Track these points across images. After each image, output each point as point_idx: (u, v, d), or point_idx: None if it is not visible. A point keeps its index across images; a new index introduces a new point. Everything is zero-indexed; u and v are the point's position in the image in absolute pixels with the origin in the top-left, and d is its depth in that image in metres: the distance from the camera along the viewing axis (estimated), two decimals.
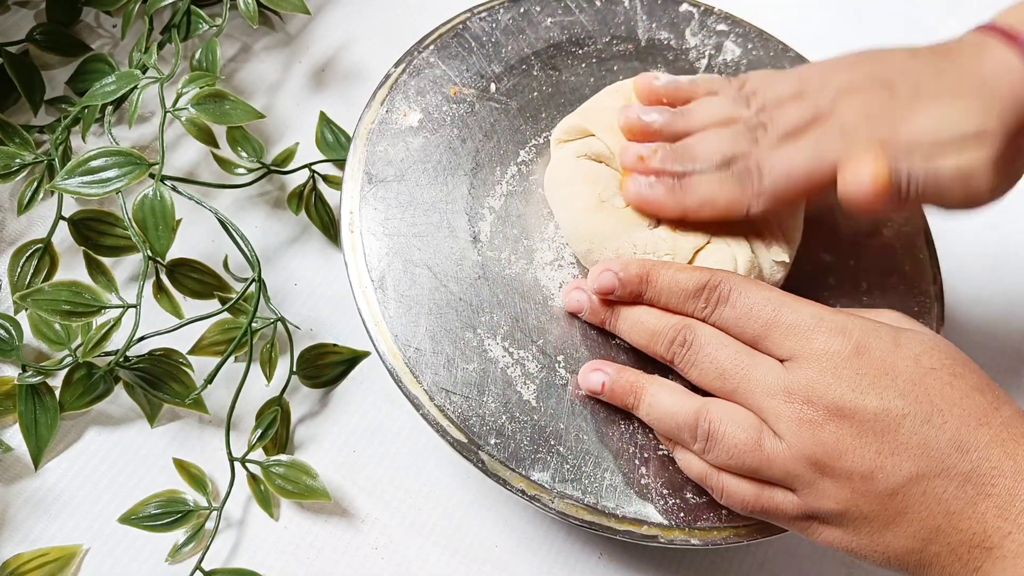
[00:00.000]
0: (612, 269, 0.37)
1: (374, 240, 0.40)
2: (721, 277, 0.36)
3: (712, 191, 0.38)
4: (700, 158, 0.39)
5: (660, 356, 0.37)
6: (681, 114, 0.40)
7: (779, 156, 0.38)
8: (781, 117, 0.38)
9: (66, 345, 0.42)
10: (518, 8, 0.47)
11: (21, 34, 0.52)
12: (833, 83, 0.38)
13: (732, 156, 0.38)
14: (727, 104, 0.40)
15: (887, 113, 0.37)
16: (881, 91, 0.37)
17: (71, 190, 0.40)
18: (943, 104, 0.36)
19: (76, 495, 0.42)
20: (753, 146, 0.38)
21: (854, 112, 0.37)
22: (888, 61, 0.39)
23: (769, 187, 0.38)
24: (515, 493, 0.36)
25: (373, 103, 0.43)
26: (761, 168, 0.38)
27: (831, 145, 0.37)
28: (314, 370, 0.45)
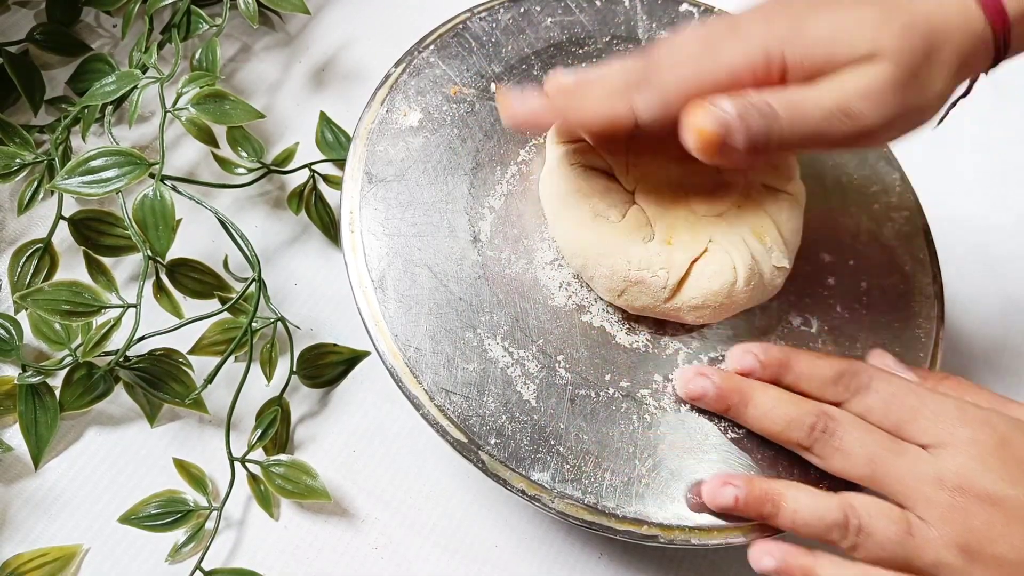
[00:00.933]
0: (753, 351, 0.37)
1: (374, 240, 0.40)
2: (860, 365, 0.37)
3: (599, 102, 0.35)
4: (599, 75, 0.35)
5: (795, 442, 0.36)
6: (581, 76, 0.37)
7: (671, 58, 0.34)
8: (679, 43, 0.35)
9: (66, 345, 0.42)
10: (518, 8, 0.47)
11: (21, 34, 0.52)
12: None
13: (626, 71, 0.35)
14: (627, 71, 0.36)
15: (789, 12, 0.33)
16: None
17: (71, 190, 0.40)
18: (847, 8, 0.33)
19: (76, 495, 0.42)
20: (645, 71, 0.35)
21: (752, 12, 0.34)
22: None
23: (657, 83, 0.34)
24: (515, 493, 0.36)
25: (373, 103, 0.43)
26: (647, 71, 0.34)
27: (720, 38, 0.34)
28: (314, 370, 0.45)
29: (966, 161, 0.58)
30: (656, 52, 0.35)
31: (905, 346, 0.42)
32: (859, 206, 0.46)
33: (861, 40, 0.32)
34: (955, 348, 0.51)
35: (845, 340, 0.42)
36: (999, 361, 0.52)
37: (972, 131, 0.58)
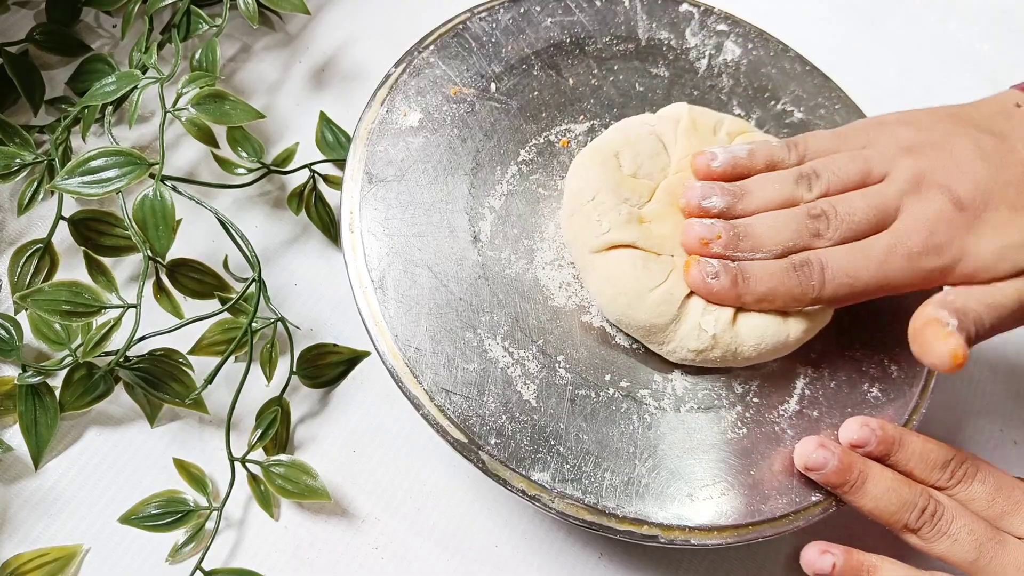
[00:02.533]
0: (870, 426, 0.38)
1: (374, 240, 0.40)
2: (968, 453, 0.39)
3: (772, 286, 0.38)
4: (761, 246, 0.39)
5: (903, 525, 0.37)
6: (739, 196, 0.40)
7: (843, 262, 0.38)
8: (845, 213, 0.38)
9: (66, 345, 0.42)
10: (518, 8, 0.47)
11: (21, 34, 0.52)
12: (898, 174, 0.39)
13: (793, 246, 0.38)
14: (787, 184, 0.40)
15: (953, 235, 0.37)
16: (951, 209, 0.38)
17: (71, 190, 0.40)
18: (1006, 229, 0.37)
19: (76, 495, 0.42)
20: (815, 239, 0.38)
21: (921, 235, 0.37)
22: (957, 160, 0.39)
23: (830, 292, 0.38)
24: (515, 493, 0.36)
25: (373, 103, 0.43)
26: (824, 269, 0.38)
27: (895, 267, 0.38)
28: (314, 370, 0.45)
29: None
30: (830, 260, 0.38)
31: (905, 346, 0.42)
32: None
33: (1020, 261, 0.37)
34: None
35: (845, 340, 0.42)
36: (999, 361, 0.52)
37: None
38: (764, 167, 0.41)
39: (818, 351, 0.42)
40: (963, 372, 0.51)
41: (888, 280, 0.38)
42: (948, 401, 0.49)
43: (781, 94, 0.49)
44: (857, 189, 0.39)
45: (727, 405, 0.40)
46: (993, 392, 0.50)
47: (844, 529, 0.44)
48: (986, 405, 0.50)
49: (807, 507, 0.38)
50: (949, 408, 0.49)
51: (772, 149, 0.41)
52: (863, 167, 0.39)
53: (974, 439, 0.49)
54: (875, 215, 0.38)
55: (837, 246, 0.38)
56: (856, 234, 0.38)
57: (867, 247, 0.38)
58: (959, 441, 0.49)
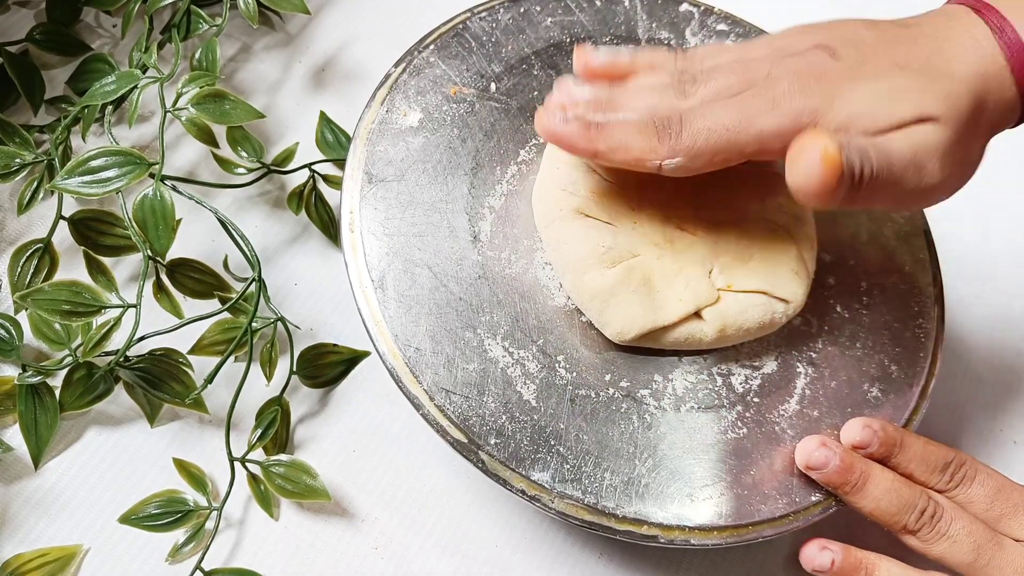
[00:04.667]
0: (872, 427, 0.38)
1: (374, 240, 0.40)
2: (967, 456, 0.39)
3: (627, 138, 0.35)
4: (623, 108, 0.36)
5: (903, 526, 0.37)
6: (616, 87, 0.38)
7: (702, 112, 0.35)
8: (713, 78, 0.36)
9: (66, 345, 0.42)
10: (518, 8, 0.47)
11: (21, 34, 0.52)
12: (775, 49, 0.36)
13: (656, 109, 0.36)
14: (664, 78, 0.37)
15: (825, 82, 0.34)
16: (823, 58, 0.35)
17: (71, 190, 0.40)
18: (887, 78, 0.34)
19: (76, 495, 0.42)
20: (680, 100, 0.36)
21: (790, 79, 0.34)
22: (841, 29, 0.36)
23: (687, 142, 0.35)
24: (515, 493, 0.36)
25: (373, 103, 0.43)
26: (682, 121, 0.35)
27: (758, 109, 0.34)
28: (314, 370, 0.45)
29: None
30: (691, 112, 0.35)
31: (905, 346, 0.42)
32: None
33: (906, 106, 0.33)
34: (955, 348, 0.51)
35: (845, 340, 0.42)
36: (999, 361, 0.52)
37: None
38: (645, 69, 0.38)
39: (818, 351, 0.42)
40: (963, 372, 0.51)
41: (750, 127, 0.34)
42: (948, 401, 0.49)
43: None
44: None
45: (727, 405, 0.40)
46: (993, 392, 0.50)
47: (844, 529, 0.44)
48: (986, 405, 0.50)
49: (807, 507, 0.38)
50: (949, 408, 0.49)
51: (656, 51, 0.39)
52: (740, 53, 0.37)
53: (974, 439, 0.49)
54: (743, 79, 0.35)
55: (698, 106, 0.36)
56: (722, 95, 0.35)
57: (730, 98, 0.35)
58: (959, 441, 0.49)
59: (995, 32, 0.35)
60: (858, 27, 0.36)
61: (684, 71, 0.37)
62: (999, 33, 0.34)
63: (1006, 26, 0.34)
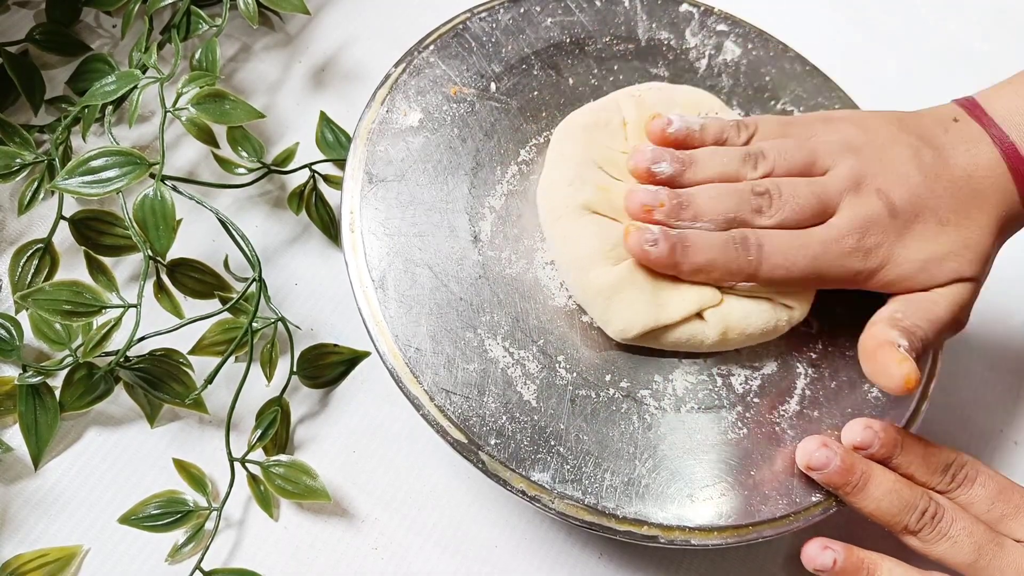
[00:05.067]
0: (873, 428, 0.39)
1: (374, 240, 0.40)
2: (968, 457, 0.39)
3: (711, 257, 0.38)
4: (702, 216, 0.39)
5: (904, 526, 0.38)
6: (688, 165, 0.40)
7: (781, 246, 0.38)
8: (787, 197, 0.39)
9: (66, 345, 0.42)
10: (518, 8, 0.47)
11: (21, 34, 0.52)
12: (840, 171, 0.39)
13: (734, 218, 0.39)
14: (735, 159, 0.40)
15: (883, 245, 0.39)
16: (883, 213, 0.38)
17: (71, 190, 0.40)
18: (932, 240, 0.39)
19: (76, 495, 0.42)
20: (756, 216, 0.39)
21: (856, 233, 0.38)
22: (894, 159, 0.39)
23: (766, 272, 0.38)
24: (515, 493, 0.36)
25: (373, 103, 0.43)
26: (762, 248, 0.38)
27: (827, 262, 0.38)
28: (314, 370, 0.45)
29: None
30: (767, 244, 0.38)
31: None
32: None
33: (943, 272, 0.39)
34: (955, 348, 0.51)
35: (844, 341, 0.42)
36: (999, 361, 0.52)
37: None
38: (713, 142, 0.41)
39: (818, 351, 0.42)
40: (964, 372, 0.51)
41: (819, 272, 0.38)
42: (948, 402, 0.49)
43: (781, 94, 0.49)
44: (800, 176, 0.40)
45: (727, 405, 0.40)
46: (993, 393, 0.50)
47: (843, 529, 0.44)
48: (986, 406, 0.50)
49: (807, 507, 0.38)
50: (949, 408, 0.49)
51: (723, 125, 0.42)
52: (808, 156, 0.40)
53: (974, 440, 0.49)
54: (817, 204, 0.39)
55: (776, 229, 0.39)
56: (796, 218, 0.39)
57: (805, 236, 0.39)
58: (959, 442, 0.48)
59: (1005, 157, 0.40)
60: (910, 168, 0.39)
61: (757, 159, 0.40)
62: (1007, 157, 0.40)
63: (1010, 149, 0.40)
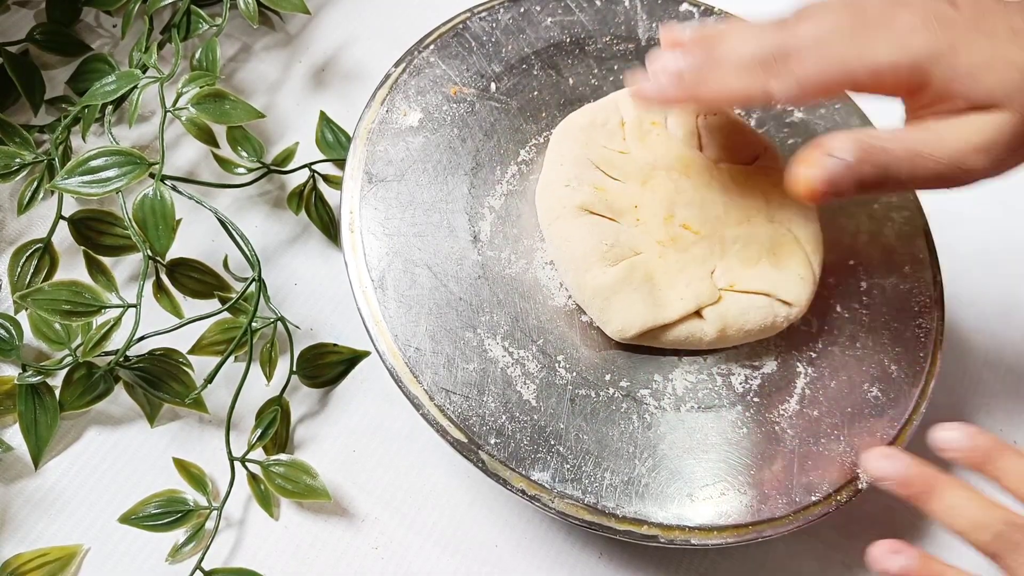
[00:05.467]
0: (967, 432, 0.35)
1: (374, 240, 0.40)
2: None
3: (729, 78, 0.34)
4: (725, 54, 0.34)
5: (981, 544, 0.34)
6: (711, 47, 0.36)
7: (812, 44, 0.33)
8: (821, 16, 0.34)
9: (66, 345, 0.42)
10: (518, 8, 0.47)
11: (21, 34, 0.52)
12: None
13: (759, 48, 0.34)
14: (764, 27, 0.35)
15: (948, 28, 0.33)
16: (944, 5, 0.33)
17: (71, 190, 0.40)
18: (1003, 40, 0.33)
19: (76, 495, 0.42)
20: (787, 37, 0.34)
21: (912, 14, 0.33)
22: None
23: (797, 70, 0.33)
24: (515, 493, 0.36)
25: (373, 103, 0.43)
26: (789, 54, 0.33)
27: (876, 39, 0.33)
28: (314, 370, 0.45)
29: None
30: (798, 28, 0.34)
31: (905, 346, 0.42)
32: (859, 206, 0.46)
33: (1002, 85, 0.32)
34: (955, 348, 0.51)
35: (845, 340, 0.42)
36: (999, 361, 0.52)
37: None
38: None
39: (817, 350, 0.42)
40: (963, 371, 0.51)
41: (867, 57, 0.33)
42: (948, 401, 0.49)
43: None
44: None
45: (727, 405, 0.40)
46: (993, 392, 0.50)
47: (843, 529, 0.44)
48: (986, 405, 0.50)
49: (807, 507, 0.38)
50: (949, 408, 0.49)
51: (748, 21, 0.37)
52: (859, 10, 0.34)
53: None
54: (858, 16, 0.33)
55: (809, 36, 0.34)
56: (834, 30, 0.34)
57: (843, 31, 0.33)
58: None
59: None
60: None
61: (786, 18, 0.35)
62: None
63: None
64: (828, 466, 0.39)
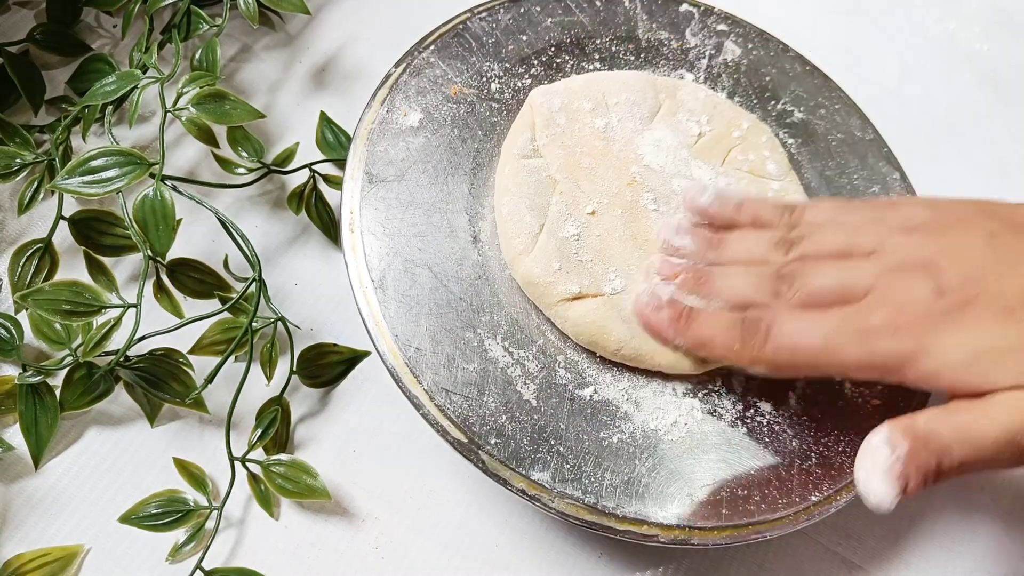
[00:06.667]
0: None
1: (374, 240, 0.40)
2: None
3: (713, 333, 0.36)
4: (716, 295, 0.37)
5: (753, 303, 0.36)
6: (714, 246, 0.39)
7: (790, 326, 0.34)
8: (811, 277, 0.35)
9: (66, 345, 0.42)
10: (518, 8, 0.47)
11: (21, 34, 0.52)
12: (885, 252, 0.34)
13: (749, 301, 0.36)
14: (764, 244, 0.37)
15: (922, 326, 0.32)
16: (926, 293, 0.32)
17: (71, 190, 0.40)
18: (990, 329, 0.31)
19: (76, 495, 0.42)
20: (773, 299, 0.36)
21: (885, 315, 0.32)
22: (957, 238, 0.33)
23: (770, 354, 0.34)
24: (515, 493, 0.36)
25: (373, 103, 0.43)
26: (770, 329, 0.34)
27: (847, 339, 0.33)
28: (314, 370, 0.45)
29: (966, 161, 0.58)
30: (779, 321, 0.35)
31: None
32: None
33: (1004, 373, 0.30)
34: None
35: None
36: None
37: (972, 131, 0.58)
38: (751, 223, 0.39)
39: None
40: None
41: (834, 355, 0.33)
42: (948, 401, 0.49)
43: (781, 94, 0.49)
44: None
45: (727, 404, 0.40)
46: None
47: (843, 529, 0.44)
48: None
49: (807, 507, 0.38)
50: None
51: (766, 206, 0.39)
52: (848, 240, 0.35)
53: None
54: (840, 287, 0.34)
55: (793, 311, 0.35)
56: (814, 302, 0.34)
57: (819, 315, 0.34)
58: None
59: None
60: (976, 246, 0.33)
61: (793, 244, 0.37)
62: None
63: None
64: (828, 466, 0.39)
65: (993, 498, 0.46)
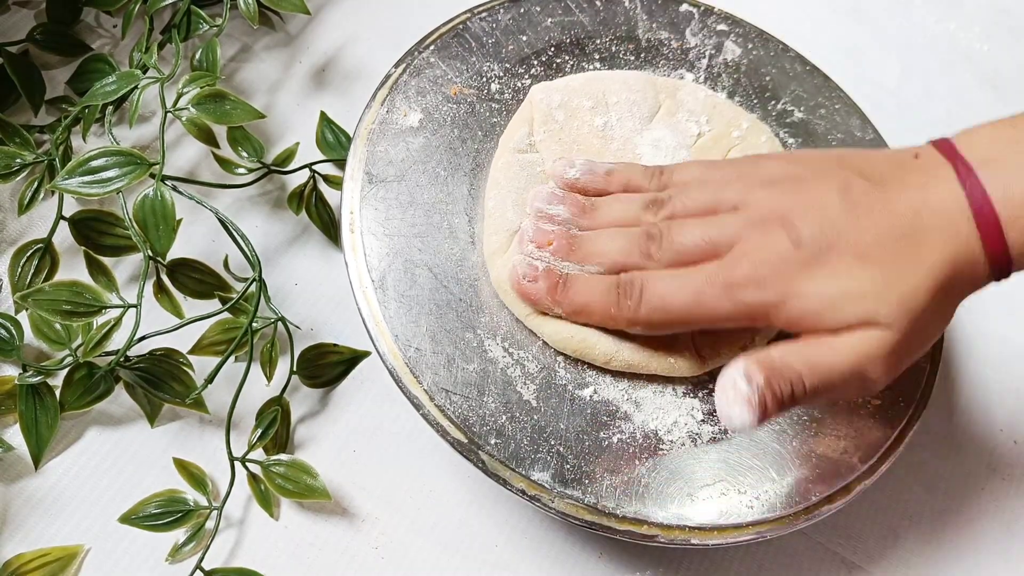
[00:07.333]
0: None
1: (374, 240, 0.40)
2: None
3: (590, 299, 0.37)
4: (591, 258, 0.38)
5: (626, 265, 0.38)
6: (587, 212, 0.39)
7: (661, 285, 0.36)
8: (677, 235, 0.36)
9: (67, 345, 0.42)
10: (518, 8, 0.47)
11: (21, 34, 0.52)
12: (748, 207, 0.36)
13: (622, 264, 0.37)
14: (635, 207, 0.39)
15: (782, 275, 0.34)
16: (785, 244, 0.34)
17: (72, 190, 0.40)
18: (844, 276, 0.33)
19: (76, 495, 0.42)
20: (646, 260, 0.37)
21: (748, 268, 0.34)
22: (811, 192, 0.35)
23: (645, 315, 0.36)
24: (515, 493, 0.36)
25: (373, 103, 0.43)
26: (643, 289, 0.36)
27: (714, 295, 0.35)
28: (314, 370, 0.45)
29: None
30: (651, 282, 0.36)
31: None
32: None
33: (853, 312, 0.33)
34: (955, 348, 0.51)
35: None
36: (999, 361, 0.52)
37: None
38: (622, 188, 0.40)
39: None
40: (963, 372, 0.51)
41: (705, 310, 0.35)
42: (948, 401, 0.49)
43: (781, 94, 0.49)
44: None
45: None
46: (992, 392, 0.50)
47: (843, 529, 0.44)
48: (986, 405, 0.50)
49: (807, 507, 0.38)
50: (949, 408, 0.49)
51: (635, 170, 0.40)
52: (713, 196, 0.37)
53: (974, 440, 0.49)
54: (706, 244, 0.36)
55: (664, 270, 0.36)
56: (683, 260, 0.36)
57: (688, 273, 0.36)
58: (959, 442, 0.48)
59: (969, 198, 0.33)
60: (832, 198, 0.34)
61: (662, 203, 0.38)
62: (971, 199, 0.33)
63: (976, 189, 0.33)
64: (828, 466, 0.39)
65: (993, 498, 0.46)
